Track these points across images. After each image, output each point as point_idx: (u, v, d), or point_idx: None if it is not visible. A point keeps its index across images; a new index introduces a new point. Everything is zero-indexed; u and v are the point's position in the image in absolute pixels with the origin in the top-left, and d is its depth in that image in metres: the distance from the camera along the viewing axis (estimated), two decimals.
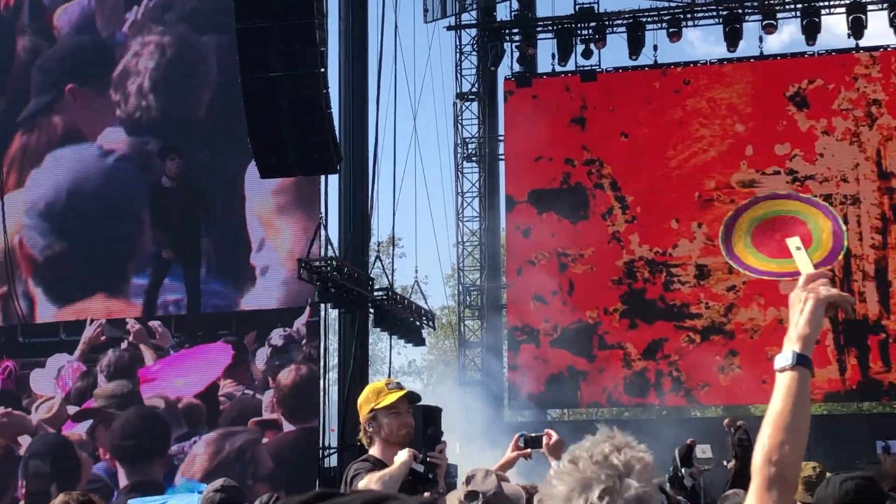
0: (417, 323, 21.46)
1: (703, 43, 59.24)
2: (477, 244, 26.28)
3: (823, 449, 12.72)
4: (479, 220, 26.34)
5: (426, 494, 4.67)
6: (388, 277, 22.42)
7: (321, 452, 19.17)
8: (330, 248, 19.19)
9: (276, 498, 5.72)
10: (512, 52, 26.05)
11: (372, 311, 19.92)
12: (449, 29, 26.52)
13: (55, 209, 21.26)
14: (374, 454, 5.08)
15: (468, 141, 26.46)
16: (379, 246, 25.90)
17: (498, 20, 26.61)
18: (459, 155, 26.44)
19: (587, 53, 25.11)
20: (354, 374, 18.83)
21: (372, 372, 24.06)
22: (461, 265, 26.46)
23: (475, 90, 26.49)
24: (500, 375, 25.68)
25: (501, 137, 26.34)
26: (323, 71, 15.94)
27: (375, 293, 20.11)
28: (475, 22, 26.66)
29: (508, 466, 5.08)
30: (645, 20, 24.91)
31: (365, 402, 5.13)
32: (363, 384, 14.55)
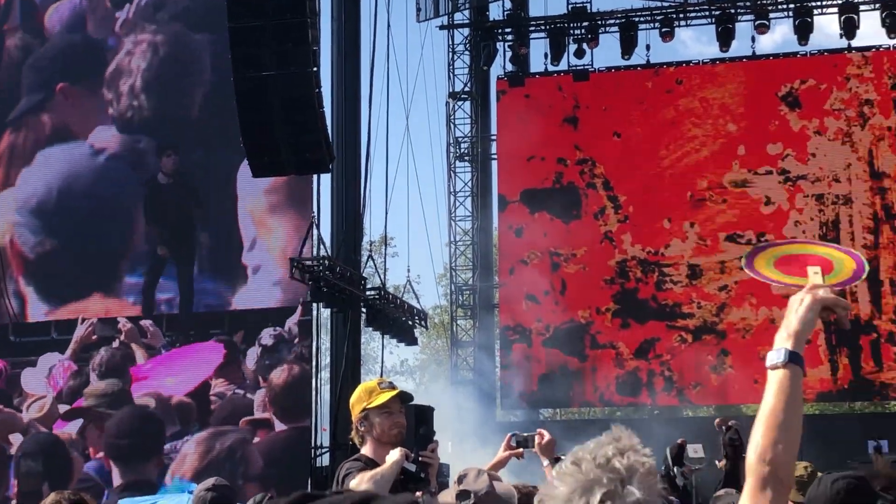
0: (410, 322, 21.45)
1: (695, 43, 59.40)
2: (469, 243, 26.26)
3: (815, 449, 12.74)
4: (471, 219, 26.32)
5: (418, 494, 4.66)
6: (380, 277, 22.40)
7: (313, 452, 19.15)
8: (322, 247, 19.17)
9: (269, 497, 5.71)
10: (505, 51, 26.06)
11: (364, 310, 19.90)
12: (441, 28, 26.52)
13: (46, 207, 21.20)
14: (365, 453, 5.08)
15: (461, 140, 26.44)
16: (371, 245, 25.79)
17: (491, 20, 26.59)
18: (452, 154, 26.41)
19: (580, 53, 25.12)
20: (346, 373, 18.82)
21: (364, 371, 24.08)
22: (453, 264, 26.44)
23: (468, 89, 26.46)
24: (492, 375, 25.67)
25: (494, 137, 26.33)
26: (315, 70, 15.92)
27: (368, 292, 20.09)
28: (468, 21, 26.62)
29: (500, 466, 5.08)
30: (637, 20, 24.91)
31: (357, 401, 5.12)
32: (355, 383, 14.53)
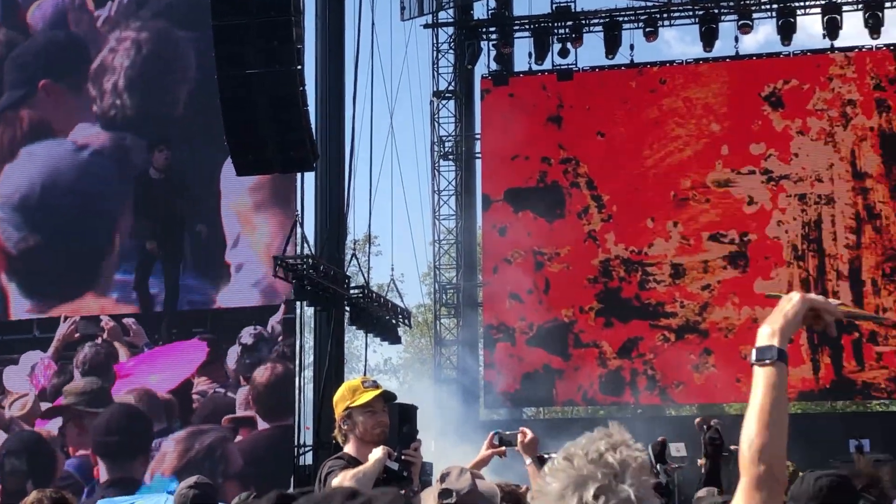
0: (393, 321, 21.44)
1: (679, 43, 59.45)
2: (453, 242, 26.26)
3: (797, 448, 12.72)
4: (455, 218, 26.32)
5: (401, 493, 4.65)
6: (363, 275, 22.40)
7: (296, 450, 19.14)
8: (306, 245, 19.15)
9: (254, 496, 5.71)
10: (489, 50, 26.06)
11: (348, 308, 19.89)
12: (426, 27, 26.49)
13: (29, 203, 21.12)
14: (348, 452, 5.08)
15: (445, 139, 26.44)
16: (355, 244, 25.85)
17: (475, 18, 26.56)
18: (436, 153, 26.41)
19: (564, 52, 25.15)
20: (330, 372, 18.79)
21: (347, 370, 24.07)
22: (437, 263, 26.44)
23: (452, 88, 26.46)
24: (475, 373, 25.68)
25: (478, 136, 26.32)
26: (300, 68, 15.88)
27: (351, 291, 20.07)
28: (452, 20, 26.61)
29: (483, 464, 5.07)
30: (621, 19, 24.95)
31: (340, 399, 5.12)
32: (339, 382, 14.55)
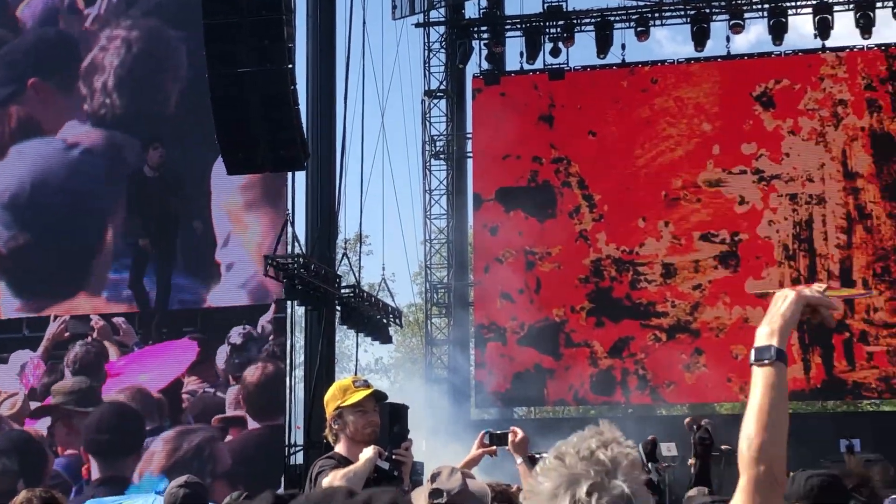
0: (384, 320, 21.42)
1: (670, 42, 59.62)
2: (444, 242, 26.25)
3: (788, 447, 12.77)
4: (446, 217, 26.30)
5: None
6: (355, 275, 22.34)
7: (287, 450, 19.11)
8: (297, 244, 19.12)
9: (245, 496, 5.69)
10: (480, 49, 26.06)
11: (339, 308, 19.87)
12: (417, 26, 26.48)
13: (19, 201, 21.06)
14: (339, 451, 5.07)
15: (436, 138, 26.42)
16: (346, 243, 25.77)
17: (466, 18, 26.57)
18: (427, 152, 26.39)
19: (555, 52, 25.17)
20: (321, 371, 18.78)
21: (338, 369, 24.02)
22: (428, 263, 26.43)
23: (443, 87, 26.44)
24: (466, 373, 25.68)
25: (469, 135, 26.32)
26: (291, 67, 15.86)
27: (342, 290, 20.05)
28: (444, 19, 26.60)
29: (474, 464, 5.06)
30: (613, 19, 24.97)
31: (331, 399, 5.11)
32: (329, 382, 14.52)
